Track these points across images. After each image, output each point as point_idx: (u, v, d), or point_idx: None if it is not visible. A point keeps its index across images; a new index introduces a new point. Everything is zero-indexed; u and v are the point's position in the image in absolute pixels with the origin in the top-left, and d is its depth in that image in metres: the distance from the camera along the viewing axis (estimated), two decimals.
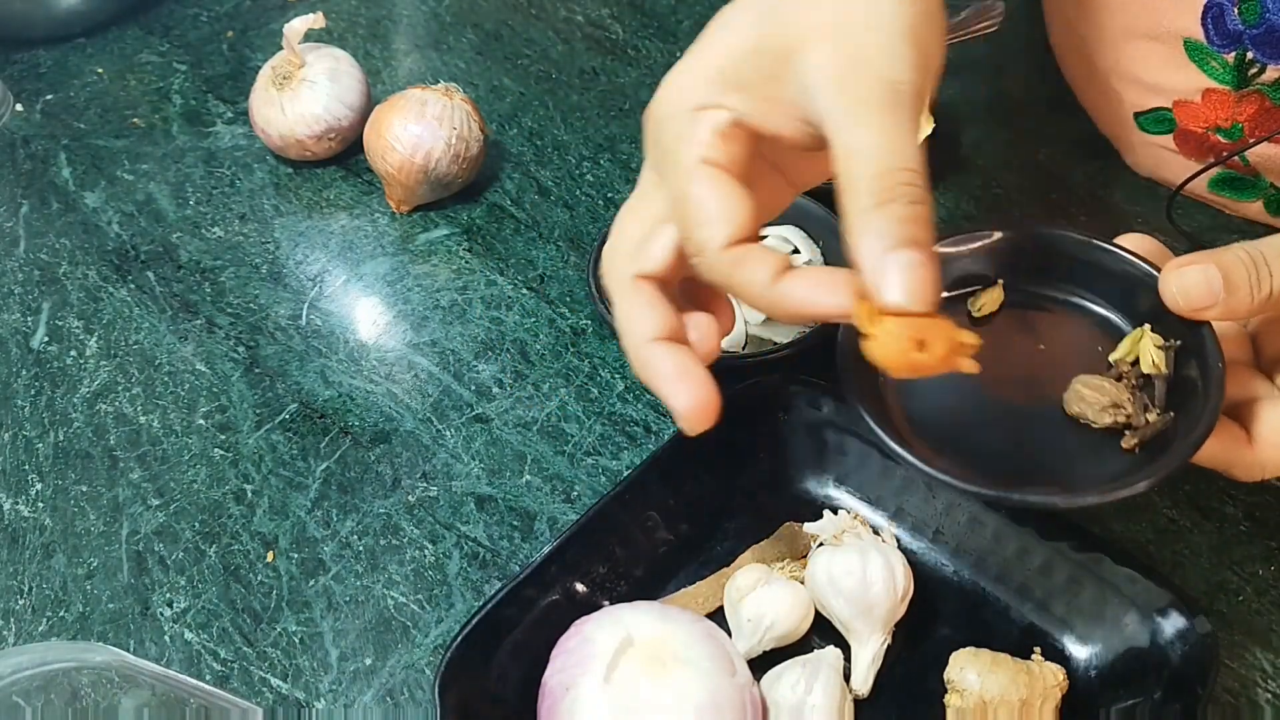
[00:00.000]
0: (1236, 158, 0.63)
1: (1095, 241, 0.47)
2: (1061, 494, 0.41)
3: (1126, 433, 0.43)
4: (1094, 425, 0.44)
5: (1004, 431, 0.45)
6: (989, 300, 0.47)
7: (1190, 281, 0.42)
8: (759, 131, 0.41)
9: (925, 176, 0.37)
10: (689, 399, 0.41)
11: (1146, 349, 0.45)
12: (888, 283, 0.37)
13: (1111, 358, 0.45)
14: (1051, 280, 0.48)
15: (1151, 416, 0.43)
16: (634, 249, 0.43)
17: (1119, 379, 0.44)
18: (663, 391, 0.42)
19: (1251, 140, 0.61)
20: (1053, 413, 0.45)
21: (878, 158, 0.37)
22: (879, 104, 0.38)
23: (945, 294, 0.47)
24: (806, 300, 0.39)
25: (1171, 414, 0.43)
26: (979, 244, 0.48)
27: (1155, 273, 0.44)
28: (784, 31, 0.40)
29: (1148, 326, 0.45)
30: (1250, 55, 0.59)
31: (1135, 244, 0.47)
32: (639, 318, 0.42)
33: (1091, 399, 0.44)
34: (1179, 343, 0.44)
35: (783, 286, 0.39)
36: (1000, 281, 0.48)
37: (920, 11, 0.40)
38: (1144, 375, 0.44)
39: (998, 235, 0.48)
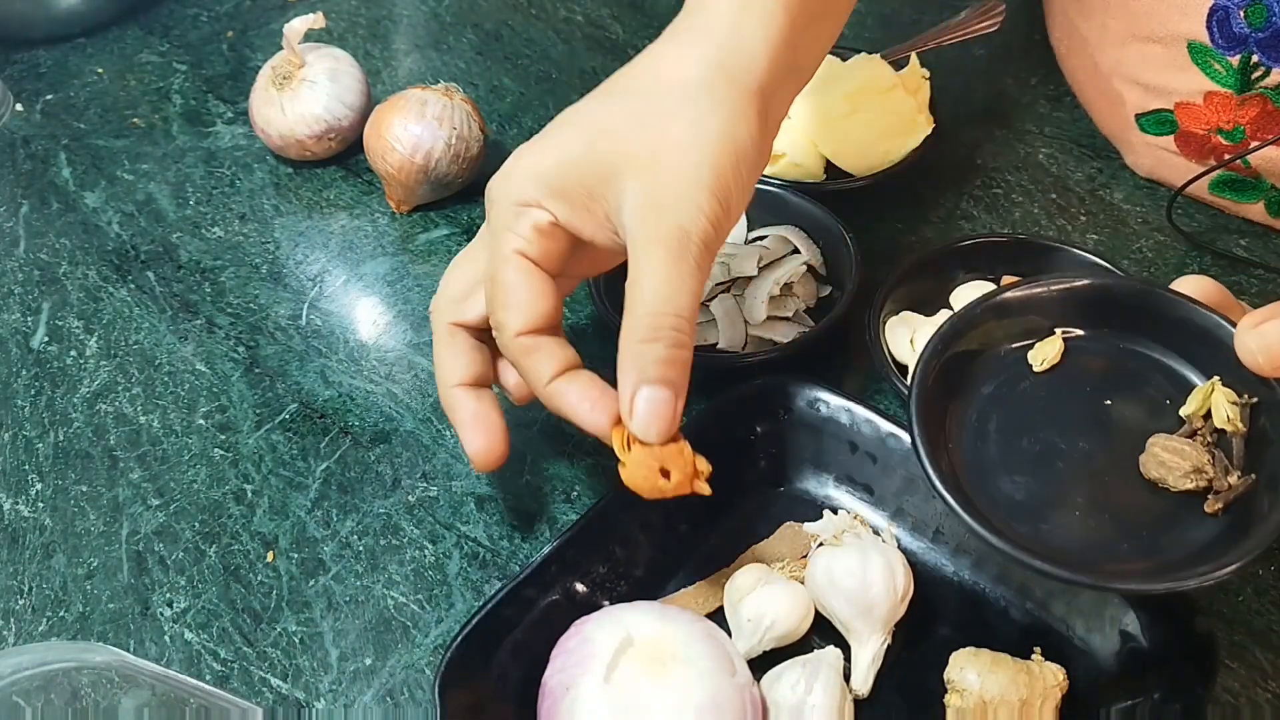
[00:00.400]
0: (1238, 160, 0.63)
1: (1160, 290, 0.45)
2: (1155, 579, 0.39)
3: (1210, 496, 0.41)
4: (1173, 489, 0.42)
5: (1078, 497, 0.43)
6: (1049, 352, 0.46)
7: (1272, 339, 0.41)
8: (575, 234, 0.46)
9: (693, 323, 0.43)
10: (478, 443, 0.49)
11: (1220, 404, 0.43)
12: (633, 412, 0.43)
13: (1183, 413, 0.43)
14: (1114, 329, 0.46)
15: (1234, 479, 0.41)
16: (456, 299, 0.49)
17: (1193, 436, 0.43)
18: (459, 433, 0.49)
19: (1254, 144, 0.61)
20: (1127, 474, 0.43)
21: (654, 299, 0.42)
22: (667, 249, 0.43)
23: (1007, 347, 0.46)
24: (572, 409, 0.45)
25: (1254, 475, 0.41)
26: (1036, 291, 0.46)
27: (1223, 323, 0.43)
28: (608, 155, 0.44)
29: (1218, 379, 0.43)
30: (1255, 58, 0.59)
31: (1193, 285, 0.45)
32: (449, 363, 0.49)
33: (1172, 463, 0.42)
34: (1255, 399, 0.42)
35: (557, 386, 0.45)
36: (1059, 332, 0.46)
37: (730, 155, 0.44)
38: (1218, 431, 0.43)
39: (1057, 284, 0.46)
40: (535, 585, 0.47)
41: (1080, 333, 0.46)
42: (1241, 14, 0.58)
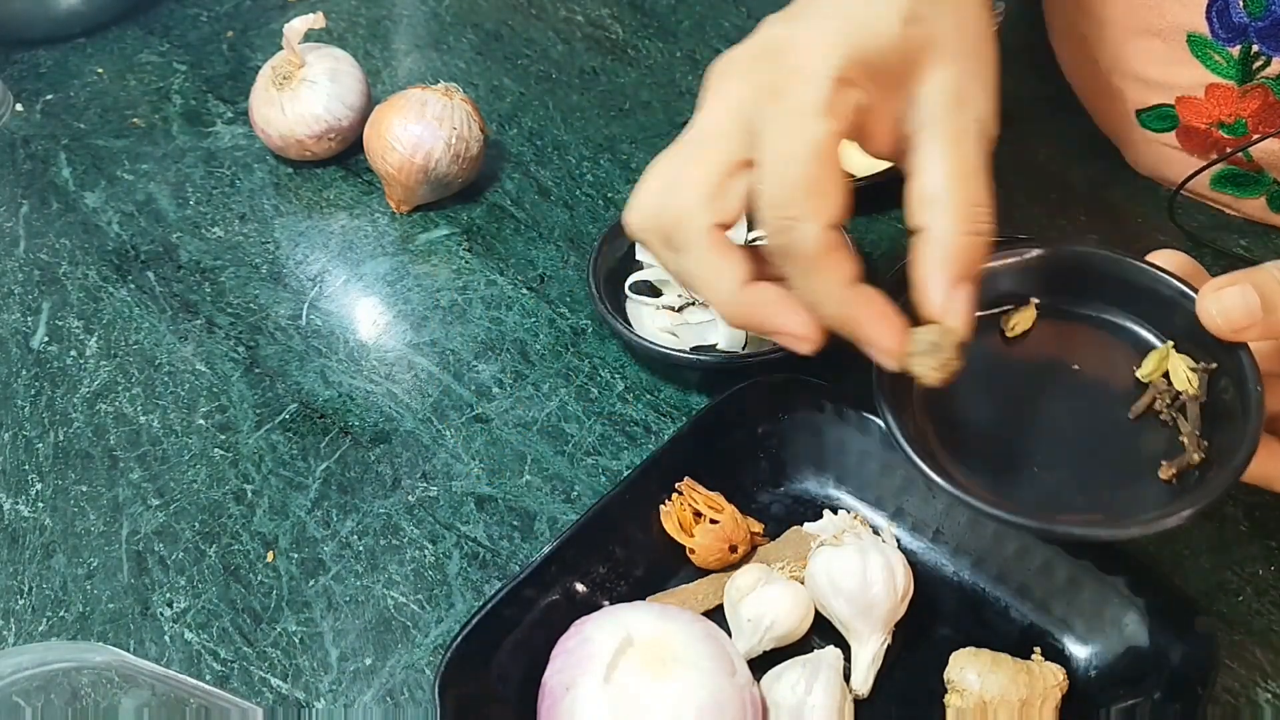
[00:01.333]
0: (1240, 154, 0.63)
1: (1129, 260, 0.46)
2: (1105, 526, 0.41)
3: (1164, 461, 0.42)
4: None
5: (1038, 455, 0.44)
6: (1022, 320, 0.47)
7: (1230, 303, 0.42)
8: (864, 130, 0.42)
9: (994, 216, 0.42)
10: (804, 323, 0.43)
11: (1178, 367, 0.44)
12: (953, 310, 0.41)
13: (1139, 374, 0.45)
14: (1085, 298, 0.47)
15: (1198, 456, 0.42)
16: (709, 197, 0.42)
17: (1153, 401, 0.44)
18: (774, 324, 0.43)
19: (1256, 136, 0.61)
20: (1088, 436, 0.44)
21: (974, 191, 0.42)
22: (976, 142, 0.42)
23: (979, 313, 0.46)
24: (872, 322, 0.42)
25: (1206, 442, 0.42)
26: (1012, 260, 0.47)
27: (1190, 292, 0.43)
28: (919, 40, 0.42)
29: (1172, 344, 0.45)
30: (1256, 48, 0.59)
31: (1167, 260, 0.46)
32: (730, 264, 0.43)
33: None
34: (1215, 365, 0.43)
35: (863, 291, 0.41)
36: (1033, 301, 0.47)
37: (994, 49, 0.44)
38: (1177, 394, 0.44)
39: (1030, 252, 0.47)
40: (535, 585, 0.47)
41: (1049, 300, 0.47)
42: (1241, 3, 0.58)
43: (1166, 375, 0.44)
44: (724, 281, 0.43)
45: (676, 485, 0.51)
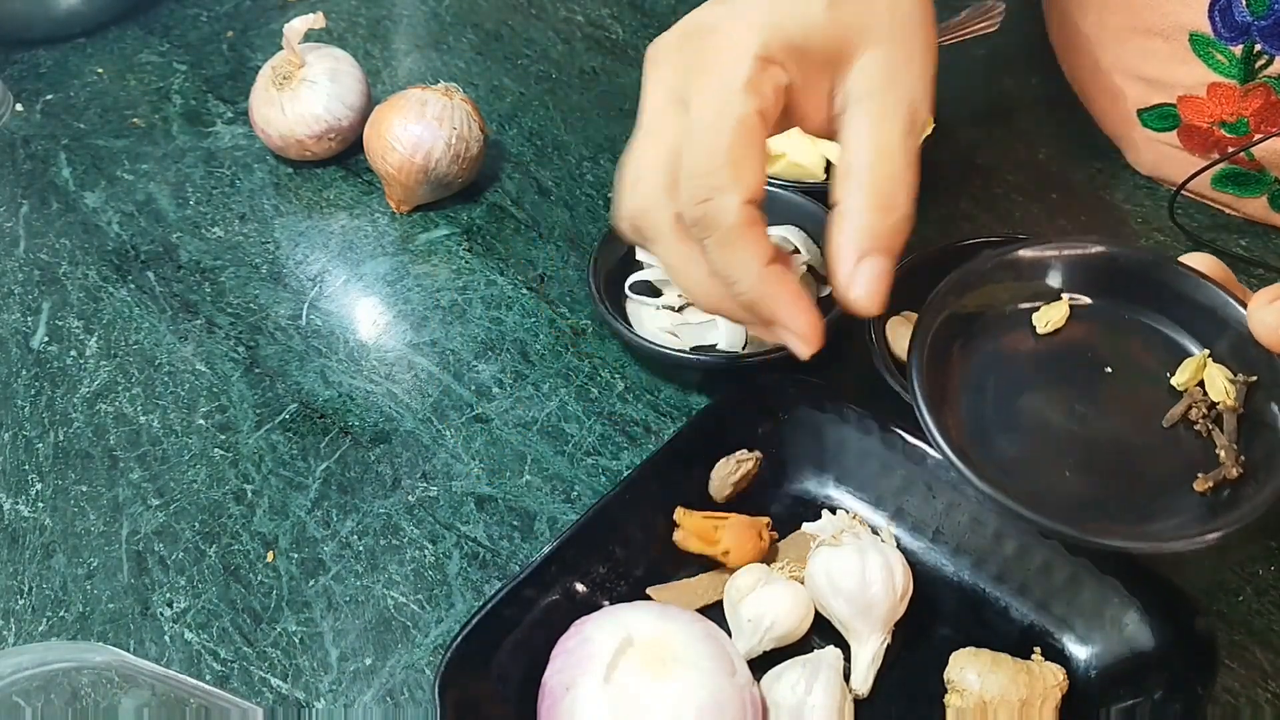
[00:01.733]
0: (1242, 153, 0.63)
1: (1169, 263, 0.45)
2: (1144, 539, 0.40)
3: (1201, 475, 0.42)
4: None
5: (1070, 459, 0.43)
6: (1054, 316, 0.46)
7: None
8: (794, 111, 0.43)
9: (915, 197, 0.42)
10: (809, 321, 0.43)
11: (1215, 378, 0.43)
12: (855, 282, 0.41)
13: (1174, 383, 0.44)
14: (1121, 298, 0.46)
15: (1236, 470, 0.41)
16: (663, 188, 0.43)
17: (1188, 410, 0.43)
18: (783, 315, 0.43)
19: (1258, 136, 0.61)
20: (1120, 441, 0.43)
21: (890, 169, 0.41)
22: (901, 122, 0.42)
23: (1013, 307, 0.47)
24: (790, 301, 0.42)
25: (1243, 456, 0.42)
26: (1047, 255, 0.47)
27: (1231, 300, 0.43)
28: (849, 23, 0.42)
29: (1208, 352, 0.44)
30: (1258, 47, 0.59)
31: (1200, 263, 0.46)
32: (760, 243, 0.43)
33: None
34: (1254, 378, 0.42)
35: (776, 270, 0.42)
36: (1065, 297, 0.47)
37: (933, 31, 0.44)
38: (1214, 405, 0.43)
39: (1068, 249, 0.47)
40: (535, 585, 0.47)
41: (1087, 300, 0.46)
42: (1244, 2, 0.58)
43: (1202, 385, 0.43)
44: (752, 262, 0.43)
45: (672, 519, 0.51)
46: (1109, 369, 0.45)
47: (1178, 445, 0.43)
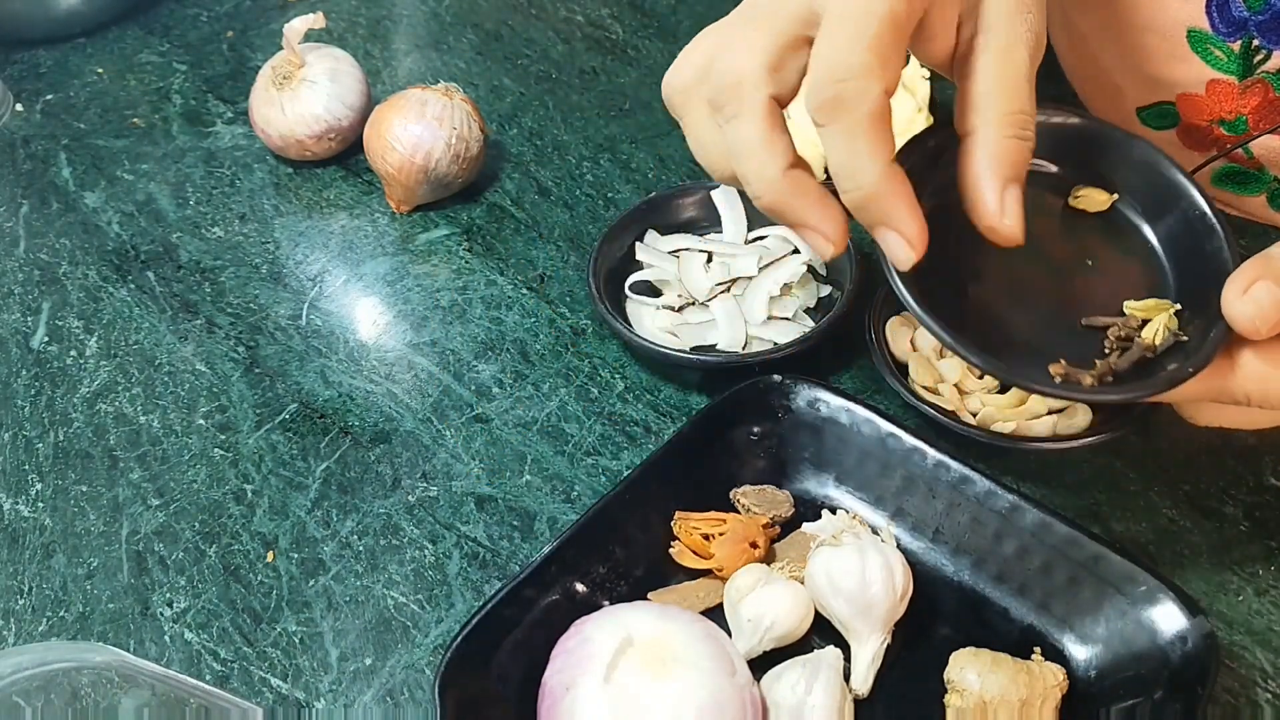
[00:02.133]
0: (1240, 151, 0.63)
1: (1216, 221, 0.46)
2: (1050, 385, 0.42)
3: (1064, 361, 0.43)
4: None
5: (1020, 321, 0.45)
6: (1091, 202, 0.47)
7: (1266, 302, 0.41)
8: (926, 20, 0.42)
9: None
10: (837, 222, 0.42)
11: (1159, 324, 0.44)
12: (1007, 211, 0.41)
13: (1126, 307, 0.45)
14: (1156, 218, 0.47)
15: (1088, 380, 0.43)
16: (768, 65, 0.41)
17: (1113, 326, 0.45)
18: (810, 217, 0.42)
19: (1256, 132, 0.61)
20: (1068, 323, 0.45)
21: (1021, 91, 0.41)
22: (1027, 51, 0.42)
23: (1063, 167, 0.48)
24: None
25: (1111, 379, 0.43)
26: (1125, 149, 0.48)
27: (1230, 257, 0.45)
28: None
29: (1178, 307, 0.45)
30: (1256, 42, 0.59)
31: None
32: (782, 142, 0.42)
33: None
34: (1187, 339, 0.44)
35: (894, 169, 0.40)
36: (1115, 197, 0.47)
37: None
38: (1133, 339, 0.44)
39: (1147, 154, 0.48)
40: (535, 585, 0.47)
41: (1129, 200, 0.48)
42: None
43: (1144, 323, 0.45)
44: (773, 158, 0.41)
45: (671, 524, 0.51)
46: (1090, 262, 0.47)
47: (1077, 340, 0.45)
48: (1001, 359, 0.43)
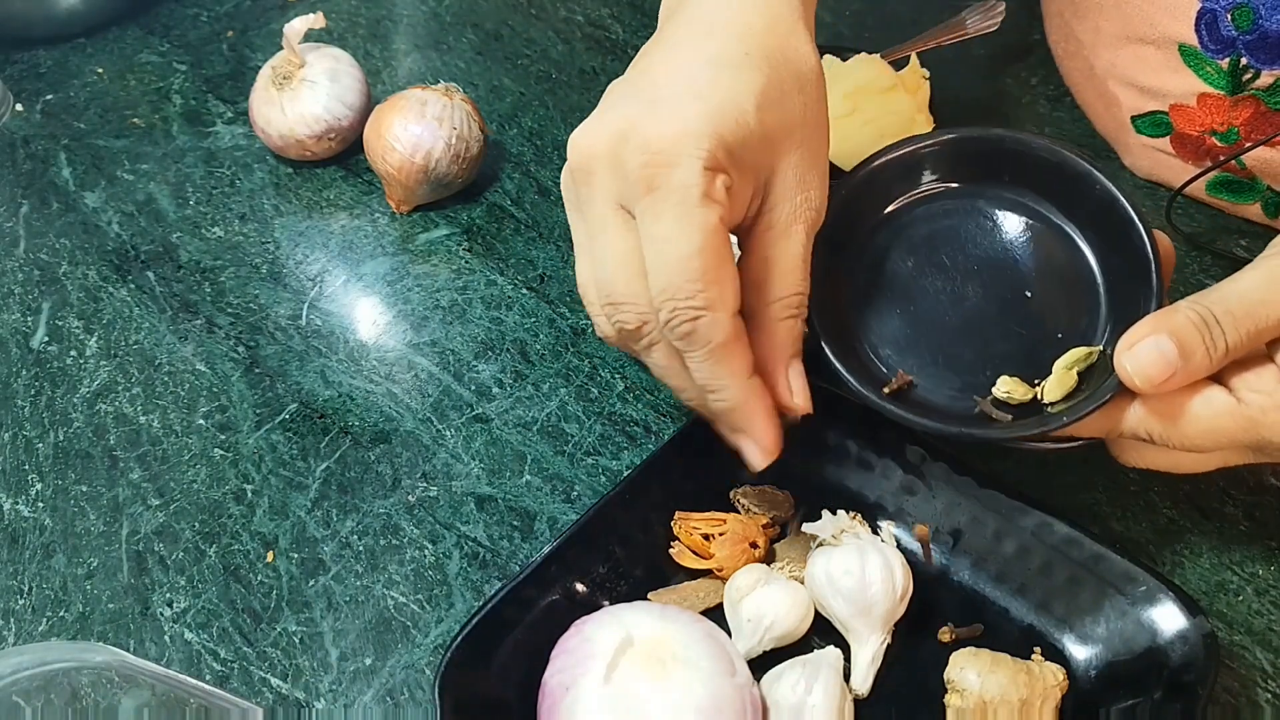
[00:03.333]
0: (1233, 161, 0.63)
1: (1124, 201, 0.47)
2: (952, 423, 0.45)
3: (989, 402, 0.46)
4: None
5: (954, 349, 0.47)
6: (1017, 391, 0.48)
7: (1145, 360, 0.42)
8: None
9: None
10: (775, 437, 0.46)
11: (1062, 383, 0.45)
12: (793, 389, 0.46)
13: (1056, 367, 0.46)
14: (1073, 216, 0.48)
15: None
16: (717, 294, 0.42)
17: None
18: (757, 429, 0.46)
19: (1247, 145, 0.61)
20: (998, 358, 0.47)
21: (794, 278, 0.44)
22: (807, 228, 0.44)
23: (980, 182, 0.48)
24: (766, 415, 0.45)
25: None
26: (1025, 151, 0.48)
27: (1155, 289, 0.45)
28: (775, 128, 0.43)
29: (1099, 350, 0.46)
30: (1244, 61, 0.59)
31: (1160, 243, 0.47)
32: (746, 356, 0.45)
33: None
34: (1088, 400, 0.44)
35: (756, 383, 0.45)
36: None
37: (826, 120, 0.46)
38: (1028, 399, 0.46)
39: (1039, 146, 0.48)
40: (535, 585, 0.47)
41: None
42: (1229, 17, 0.58)
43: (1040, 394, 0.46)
44: (739, 373, 0.45)
45: (671, 524, 0.51)
46: (1029, 294, 0.48)
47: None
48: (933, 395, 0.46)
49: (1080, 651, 0.47)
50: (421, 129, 0.67)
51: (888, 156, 0.48)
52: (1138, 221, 0.46)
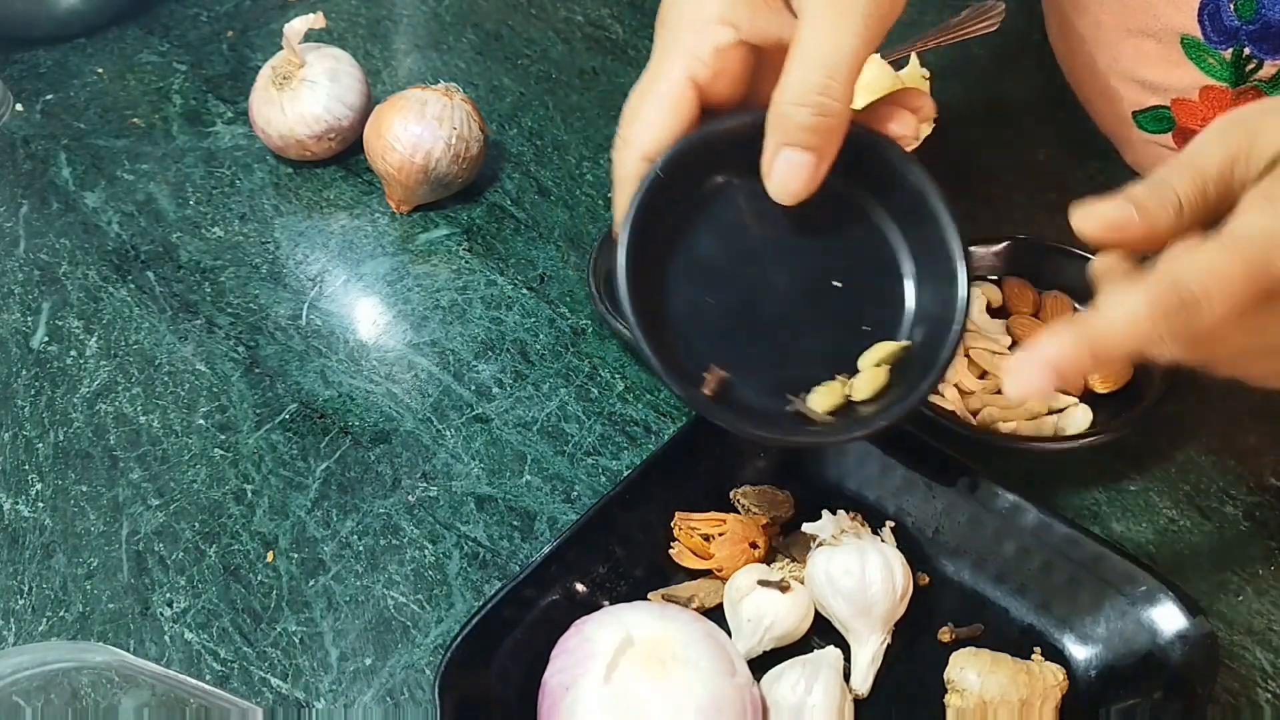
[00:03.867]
0: None
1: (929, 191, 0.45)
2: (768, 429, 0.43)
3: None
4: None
5: (763, 351, 0.45)
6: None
7: (1102, 208, 0.41)
8: (761, 42, 0.43)
9: (848, 86, 0.42)
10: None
11: (871, 380, 0.44)
12: (771, 172, 0.43)
13: (859, 363, 0.44)
14: (884, 200, 0.46)
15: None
16: (633, 132, 0.44)
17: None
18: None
19: None
20: (810, 353, 0.45)
21: (807, 61, 0.41)
22: (831, 6, 0.42)
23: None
24: None
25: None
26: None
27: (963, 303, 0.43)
28: None
29: (906, 345, 0.44)
30: (1247, 51, 0.59)
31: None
32: (625, 193, 0.44)
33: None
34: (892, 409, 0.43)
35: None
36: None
37: None
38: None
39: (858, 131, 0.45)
40: (535, 585, 0.47)
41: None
42: (1231, 7, 0.58)
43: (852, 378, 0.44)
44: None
45: (671, 525, 0.51)
46: (837, 284, 0.46)
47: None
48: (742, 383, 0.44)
49: (1080, 651, 0.47)
50: (421, 129, 0.67)
51: (704, 133, 0.45)
52: (946, 215, 0.44)
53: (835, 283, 0.45)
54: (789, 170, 0.42)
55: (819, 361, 0.44)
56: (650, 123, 0.43)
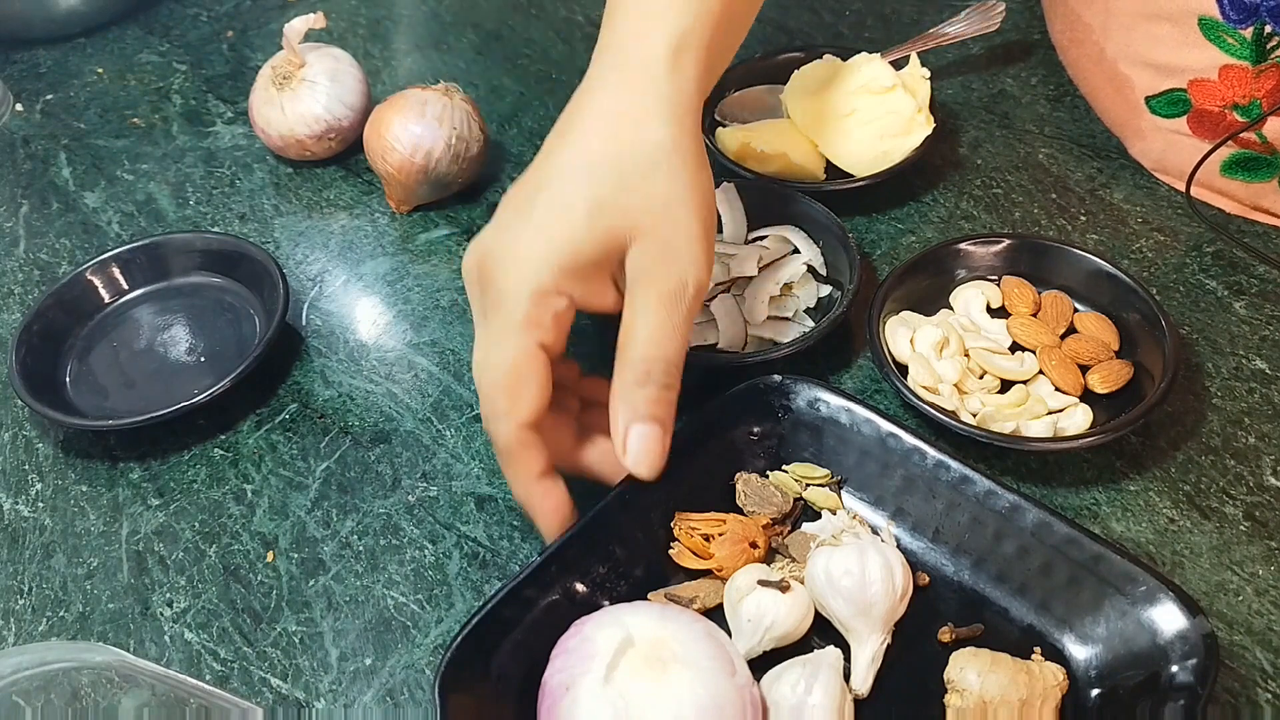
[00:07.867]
0: (1254, 136, 0.62)
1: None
2: None
3: None
4: None
5: None
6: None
7: (645, 450, 0.48)
8: (586, 308, 0.49)
9: (680, 366, 0.48)
10: (556, 529, 0.49)
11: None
12: (626, 448, 0.47)
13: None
14: None
15: None
16: (507, 406, 0.48)
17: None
18: (541, 525, 0.49)
19: (1269, 110, 0.61)
20: None
21: (646, 345, 0.47)
22: (661, 299, 0.47)
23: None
24: (552, 510, 0.48)
25: None
26: None
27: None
28: (612, 228, 0.47)
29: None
30: (1269, 28, 0.59)
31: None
32: (530, 462, 0.48)
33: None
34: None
35: (544, 484, 0.48)
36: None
37: (707, 203, 0.49)
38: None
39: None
40: (535, 585, 0.47)
41: None
42: None
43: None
44: (528, 469, 0.48)
45: (671, 525, 0.51)
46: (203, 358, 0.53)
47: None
48: None
49: (1080, 651, 0.47)
50: (421, 129, 0.67)
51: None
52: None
53: (202, 358, 0.54)
54: (643, 444, 0.47)
55: None
56: (522, 395, 0.47)
